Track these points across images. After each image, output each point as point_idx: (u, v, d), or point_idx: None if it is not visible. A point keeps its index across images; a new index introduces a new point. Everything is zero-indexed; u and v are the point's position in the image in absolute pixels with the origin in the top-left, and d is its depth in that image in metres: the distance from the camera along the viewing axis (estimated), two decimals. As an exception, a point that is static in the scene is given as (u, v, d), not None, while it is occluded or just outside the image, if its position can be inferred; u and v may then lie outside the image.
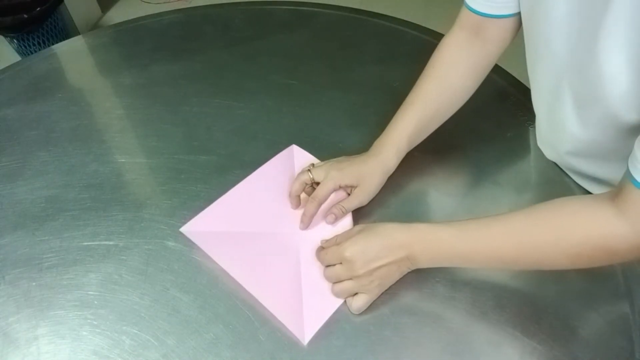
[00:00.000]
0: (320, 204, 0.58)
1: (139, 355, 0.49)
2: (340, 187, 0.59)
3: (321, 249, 0.55)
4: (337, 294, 0.52)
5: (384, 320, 0.51)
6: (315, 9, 1.00)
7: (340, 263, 0.52)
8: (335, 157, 0.64)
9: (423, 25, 0.93)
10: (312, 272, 0.55)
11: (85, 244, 0.59)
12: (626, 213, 0.41)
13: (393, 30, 0.95)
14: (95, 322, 0.52)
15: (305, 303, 0.52)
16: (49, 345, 0.50)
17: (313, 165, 0.62)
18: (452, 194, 0.64)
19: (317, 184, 0.59)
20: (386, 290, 0.52)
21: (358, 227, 0.54)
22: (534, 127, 0.70)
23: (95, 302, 0.53)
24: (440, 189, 0.64)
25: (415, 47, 0.92)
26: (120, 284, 0.55)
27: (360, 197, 0.59)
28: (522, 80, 0.77)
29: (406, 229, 0.51)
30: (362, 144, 0.70)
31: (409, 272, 0.52)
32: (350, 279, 0.51)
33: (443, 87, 0.62)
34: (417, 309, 0.51)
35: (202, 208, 0.62)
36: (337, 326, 0.51)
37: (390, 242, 0.50)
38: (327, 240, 0.56)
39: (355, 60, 0.87)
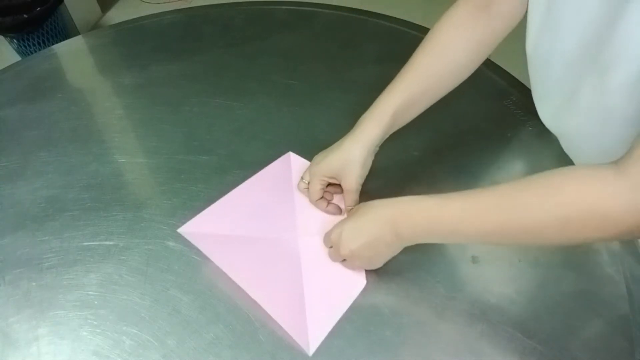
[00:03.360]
0: (321, 201, 0.60)
1: (139, 355, 0.49)
2: (325, 181, 0.59)
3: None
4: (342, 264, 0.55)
5: (384, 320, 0.51)
6: (315, 9, 1.00)
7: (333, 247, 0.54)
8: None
9: (423, 25, 0.93)
10: (314, 279, 0.54)
11: (85, 244, 0.59)
12: (627, 171, 0.36)
13: (393, 30, 0.95)
14: (95, 323, 0.52)
15: (309, 312, 0.51)
16: (49, 345, 0.50)
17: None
18: (452, 194, 0.64)
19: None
20: (386, 290, 0.52)
21: (349, 212, 0.56)
22: (534, 127, 0.70)
23: (96, 303, 0.53)
24: (440, 189, 0.64)
25: (415, 47, 0.91)
26: (121, 284, 0.55)
27: (348, 185, 0.57)
28: (522, 80, 0.77)
29: (390, 203, 0.49)
30: (362, 144, 0.70)
31: (408, 273, 0.52)
32: (343, 259, 0.53)
33: (439, 62, 0.58)
34: (417, 309, 0.51)
35: (202, 208, 0.61)
36: (337, 326, 0.51)
37: (373, 218, 0.50)
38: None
39: (355, 60, 0.87)
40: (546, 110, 0.67)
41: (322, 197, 0.60)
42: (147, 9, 2.38)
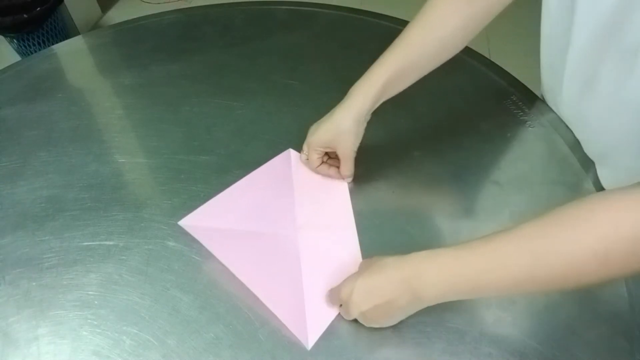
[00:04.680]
0: (322, 167, 0.63)
1: (139, 355, 0.49)
2: (321, 149, 0.62)
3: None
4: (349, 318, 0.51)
5: (384, 320, 0.51)
6: (315, 9, 1.00)
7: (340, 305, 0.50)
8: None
9: (423, 25, 0.93)
10: (314, 273, 0.55)
11: (85, 244, 0.59)
12: None
13: (393, 30, 0.94)
14: (95, 322, 0.52)
15: (308, 306, 0.52)
16: (49, 345, 0.50)
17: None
18: (451, 194, 0.64)
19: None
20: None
21: (362, 263, 0.51)
22: (534, 127, 0.70)
23: (96, 302, 0.53)
24: (439, 189, 0.64)
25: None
26: (121, 284, 0.55)
27: (343, 152, 0.60)
28: (522, 80, 0.77)
29: (404, 261, 0.45)
30: (362, 144, 0.70)
31: None
32: (357, 318, 0.49)
33: (429, 37, 0.59)
34: (417, 309, 0.51)
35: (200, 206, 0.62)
36: (337, 326, 0.51)
37: (386, 278, 0.45)
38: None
39: (355, 60, 0.87)
40: (561, 98, 0.66)
41: (322, 163, 0.64)
42: (147, 9, 2.38)
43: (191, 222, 0.60)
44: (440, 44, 0.59)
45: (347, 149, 0.60)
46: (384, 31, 0.94)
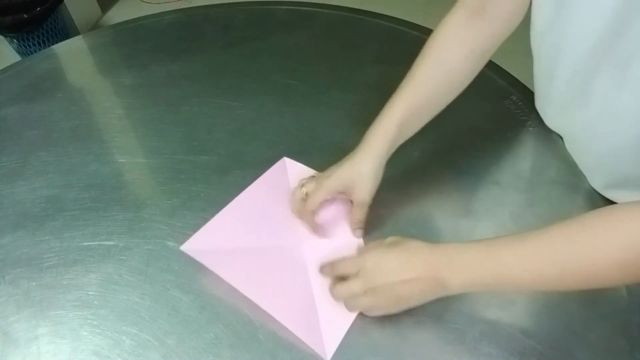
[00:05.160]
0: (313, 214, 0.57)
1: (139, 355, 0.49)
2: (333, 194, 0.57)
3: (331, 263, 0.53)
4: (351, 309, 0.50)
5: (384, 320, 0.51)
6: (315, 9, 1.00)
7: (357, 275, 0.49)
8: (335, 157, 0.64)
9: (423, 25, 0.93)
10: (323, 283, 0.54)
11: (85, 244, 0.59)
12: None
13: (393, 30, 0.95)
14: (95, 322, 0.52)
15: (322, 317, 0.51)
16: (49, 345, 0.50)
17: (311, 177, 0.60)
18: (452, 194, 0.64)
19: None
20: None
21: (378, 241, 0.52)
22: (534, 127, 0.70)
23: (96, 302, 0.53)
24: (440, 189, 0.64)
25: (415, 47, 0.91)
26: (121, 284, 0.55)
27: (360, 197, 0.56)
28: (522, 80, 0.77)
29: (432, 247, 0.46)
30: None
31: None
32: (365, 293, 0.48)
33: (439, 70, 0.58)
34: (417, 309, 0.51)
35: (202, 208, 0.61)
36: (337, 326, 0.51)
37: (415, 258, 0.46)
38: (331, 262, 0.53)
39: (355, 60, 0.87)
40: (552, 109, 0.66)
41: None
42: (147, 9, 2.38)
43: (193, 245, 0.58)
44: (448, 79, 0.58)
45: (365, 194, 0.56)
46: (384, 31, 0.94)
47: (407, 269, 0.46)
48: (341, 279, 0.51)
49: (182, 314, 0.52)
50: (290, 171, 0.66)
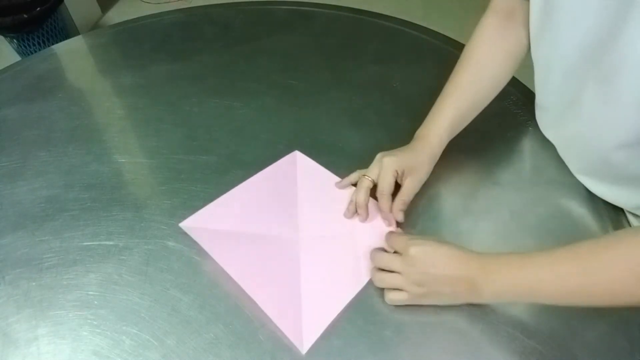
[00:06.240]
0: (389, 197, 0.58)
1: (139, 355, 0.49)
2: (399, 173, 0.58)
3: (391, 233, 0.54)
4: (377, 282, 0.52)
5: (384, 320, 0.51)
6: (315, 9, 1.00)
7: (401, 255, 0.50)
8: (335, 157, 0.64)
9: (423, 25, 0.93)
10: (312, 278, 0.54)
11: (85, 244, 0.59)
12: None
13: (393, 30, 0.95)
14: (95, 322, 0.52)
15: (305, 311, 0.51)
16: (49, 345, 0.50)
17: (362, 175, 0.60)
18: (452, 194, 0.64)
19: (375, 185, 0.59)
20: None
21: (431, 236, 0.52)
22: (534, 127, 0.70)
23: (95, 302, 0.53)
24: (440, 189, 0.64)
25: (415, 47, 0.92)
26: (120, 284, 0.55)
27: (415, 184, 0.59)
28: (522, 81, 0.77)
29: (474, 254, 0.48)
30: (363, 144, 0.70)
31: None
32: (400, 273, 0.49)
33: (480, 75, 0.62)
34: (417, 309, 0.51)
35: (202, 208, 0.61)
36: (337, 326, 0.51)
37: (458, 258, 0.48)
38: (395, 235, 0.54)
39: (355, 60, 0.87)
40: (546, 119, 0.67)
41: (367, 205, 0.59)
42: (147, 9, 2.38)
43: (192, 223, 0.60)
44: (488, 83, 0.63)
45: (422, 176, 0.60)
46: (384, 31, 0.94)
47: (448, 265, 0.48)
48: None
49: (182, 314, 0.52)
50: (300, 165, 0.67)
